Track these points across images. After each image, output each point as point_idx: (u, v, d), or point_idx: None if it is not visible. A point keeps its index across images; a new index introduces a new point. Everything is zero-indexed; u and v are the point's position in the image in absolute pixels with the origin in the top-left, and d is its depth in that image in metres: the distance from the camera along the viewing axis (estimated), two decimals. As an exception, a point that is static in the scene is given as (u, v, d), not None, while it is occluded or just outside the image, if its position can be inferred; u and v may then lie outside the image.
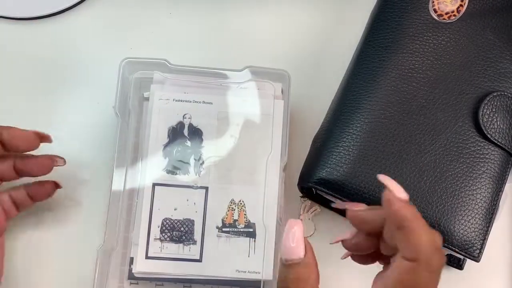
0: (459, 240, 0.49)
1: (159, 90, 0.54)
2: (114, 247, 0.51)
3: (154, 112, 0.53)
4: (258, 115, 0.54)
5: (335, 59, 0.59)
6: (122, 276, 0.51)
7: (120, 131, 0.52)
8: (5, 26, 0.60)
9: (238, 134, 0.53)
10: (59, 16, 0.60)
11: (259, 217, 0.52)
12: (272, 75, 0.55)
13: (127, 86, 0.54)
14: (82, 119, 0.58)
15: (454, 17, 0.53)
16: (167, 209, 0.52)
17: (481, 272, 0.54)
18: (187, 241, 0.51)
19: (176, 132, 0.53)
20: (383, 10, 0.55)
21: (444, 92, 0.52)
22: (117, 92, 0.53)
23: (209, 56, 0.60)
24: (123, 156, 0.52)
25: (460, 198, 0.50)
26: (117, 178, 0.51)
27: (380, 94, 0.51)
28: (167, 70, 0.54)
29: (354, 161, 0.50)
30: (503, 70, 0.52)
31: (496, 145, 0.51)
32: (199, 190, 0.52)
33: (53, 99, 0.58)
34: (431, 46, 0.53)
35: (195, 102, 0.54)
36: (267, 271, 0.51)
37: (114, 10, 0.61)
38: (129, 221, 0.52)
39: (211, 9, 0.61)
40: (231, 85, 0.54)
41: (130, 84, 0.54)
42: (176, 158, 0.53)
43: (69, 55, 0.59)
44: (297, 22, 0.61)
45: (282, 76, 0.54)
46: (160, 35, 0.60)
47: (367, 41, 0.54)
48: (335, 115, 0.53)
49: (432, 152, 0.50)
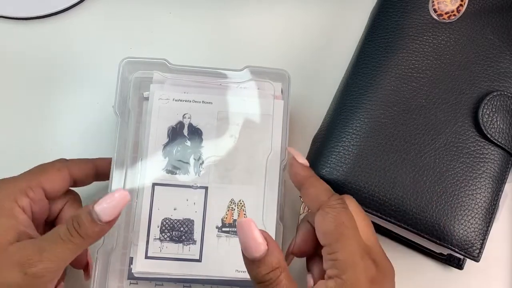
0: (459, 240, 0.49)
1: (159, 89, 0.54)
2: (113, 247, 0.51)
3: (154, 111, 0.53)
4: (258, 115, 0.54)
5: (335, 59, 0.59)
6: (121, 276, 0.51)
7: (120, 131, 0.52)
8: (5, 26, 0.60)
9: (238, 134, 0.53)
10: (59, 16, 0.60)
11: (259, 217, 0.52)
12: (271, 75, 0.54)
13: (127, 86, 0.54)
14: (81, 118, 0.58)
15: (454, 17, 0.53)
16: (167, 209, 0.52)
17: (481, 272, 0.54)
18: (187, 241, 0.51)
19: (175, 132, 0.53)
20: (383, 10, 0.54)
21: (444, 91, 0.52)
22: (117, 92, 0.53)
23: (209, 55, 0.60)
24: (122, 156, 0.52)
25: (460, 198, 0.50)
26: (116, 178, 0.51)
27: (380, 94, 0.51)
28: (166, 70, 0.54)
29: (353, 160, 0.50)
30: (503, 70, 0.52)
31: (496, 145, 0.51)
32: (199, 190, 0.52)
33: (53, 98, 0.58)
34: (431, 46, 0.53)
35: (194, 102, 0.54)
36: (267, 271, 0.51)
37: (114, 9, 0.61)
38: (129, 221, 0.52)
39: (212, 9, 0.61)
40: (230, 85, 0.54)
41: (130, 84, 0.54)
42: (176, 158, 0.53)
43: (68, 55, 0.59)
44: (297, 22, 0.61)
45: (282, 76, 0.54)
46: (160, 35, 0.60)
47: (367, 41, 0.54)
48: (335, 115, 0.53)
49: (432, 152, 0.50)
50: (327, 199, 0.45)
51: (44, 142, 0.57)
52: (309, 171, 0.49)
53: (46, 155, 0.53)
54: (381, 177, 0.49)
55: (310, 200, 0.47)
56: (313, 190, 0.47)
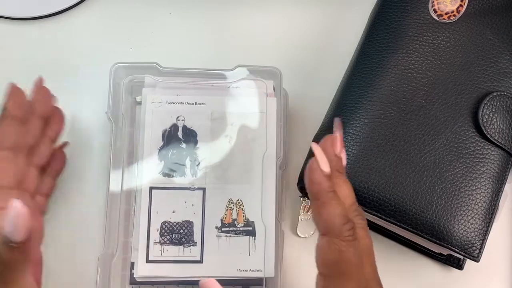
0: (458, 240, 0.49)
1: (151, 93, 0.54)
2: (114, 253, 0.51)
3: (147, 115, 0.53)
4: (252, 113, 0.54)
5: (335, 59, 0.58)
6: (124, 281, 0.51)
7: (114, 136, 0.52)
8: (5, 26, 0.60)
9: (233, 133, 0.53)
10: (59, 16, 0.60)
11: (257, 215, 0.52)
12: (263, 73, 0.55)
13: (119, 91, 0.54)
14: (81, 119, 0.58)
15: (454, 17, 0.53)
16: (166, 212, 0.52)
17: (481, 272, 0.54)
18: (187, 243, 0.52)
19: (170, 134, 0.53)
20: (383, 10, 0.54)
21: (444, 92, 0.52)
22: (109, 97, 0.53)
23: (210, 56, 0.60)
24: (118, 161, 0.52)
25: (460, 198, 0.50)
26: (113, 183, 0.51)
27: (380, 94, 0.51)
28: (158, 73, 0.54)
29: (353, 161, 0.50)
30: (503, 70, 0.52)
31: (496, 145, 0.51)
32: (197, 191, 0.52)
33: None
34: (431, 46, 0.53)
35: (187, 103, 0.54)
36: (269, 268, 0.51)
37: (113, 10, 0.61)
38: (128, 226, 0.52)
39: (213, 9, 0.61)
40: (223, 85, 0.54)
41: (122, 88, 0.54)
42: (172, 160, 0.53)
43: (68, 55, 0.59)
44: (298, 22, 0.61)
45: (273, 73, 0.54)
46: (160, 35, 0.60)
47: (367, 41, 0.54)
48: (335, 114, 0.53)
49: (431, 152, 0.50)
50: (340, 226, 0.39)
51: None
52: (329, 182, 0.40)
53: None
54: (381, 177, 0.49)
55: (320, 220, 0.40)
56: (326, 211, 0.40)
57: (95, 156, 0.56)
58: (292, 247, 0.55)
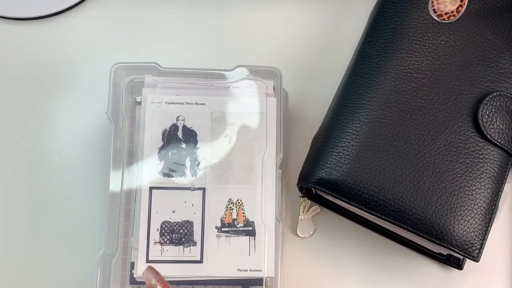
0: (458, 240, 0.49)
1: (151, 93, 0.54)
2: (114, 253, 0.51)
3: (147, 115, 0.53)
4: (251, 113, 0.54)
5: (335, 59, 0.59)
6: (124, 281, 0.51)
7: (114, 136, 0.52)
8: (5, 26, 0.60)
9: (233, 133, 0.54)
10: (59, 17, 0.60)
11: (257, 215, 0.52)
12: (263, 73, 0.55)
13: (119, 91, 0.54)
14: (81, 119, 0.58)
15: (453, 17, 0.53)
16: (165, 212, 0.52)
17: (481, 272, 0.54)
18: (187, 243, 0.52)
19: (170, 134, 0.53)
20: (383, 10, 0.54)
21: (444, 92, 0.52)
22: (109, 97, 0.53)
23: (210, 56, 0.60)
24: (118, 161, 0.52)
25: (460, 198, 0.50)
26: (113, 183, 0.51)
27: (380, 94, 0.51)
28: (158, 73, 0.54)
29: (353, 161, 0.50)
30: (503, 70, 0.52)
31: (496, 145, 0.51)
32: (197, 191, 0.52)
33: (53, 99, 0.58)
34: (431, 46, 0.53)
35: (187, 103, 0.54)
36: (269, 268, 0.51)
37: (113, 10, 0.61)
38: (128, 226, 0.52)
39: (214, 9, 0.61)
40: (223, 85, 0.54)
41: (122, 89, 0.54)
42: (172, 160, 0.53)
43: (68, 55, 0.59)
44: (298, 22, 0.61)
45: (273, 73, 0.54)
46: (160, 35, 0.60)
47: (367, 41, 0.54)
48: (334, 115, 0.53)
49: (431, 152, 0.50)
50: None
51: (43, 141, 0.57)
52: None
53: (46, 155, 0.53)
54: (381, 177, 0.49)
55: None
56: None
57: (95, 156, 0.56)
58: (292, 247, 0.55)
